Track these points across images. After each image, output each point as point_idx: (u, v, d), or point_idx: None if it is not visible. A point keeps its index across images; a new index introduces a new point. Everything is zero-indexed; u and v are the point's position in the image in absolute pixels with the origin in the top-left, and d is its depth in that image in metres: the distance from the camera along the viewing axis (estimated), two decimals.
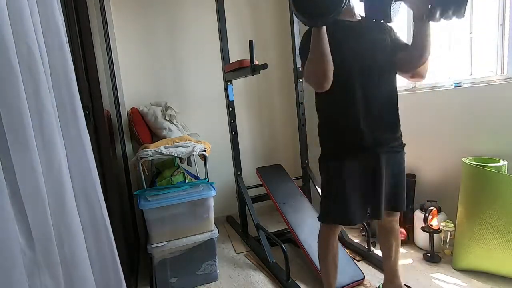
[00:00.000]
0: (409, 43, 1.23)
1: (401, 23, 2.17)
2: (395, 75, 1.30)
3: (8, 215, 0.67)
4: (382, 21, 1.25)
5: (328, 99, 1.26)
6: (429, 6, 1.11)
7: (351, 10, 1.28)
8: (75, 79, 0.93)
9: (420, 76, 1.27)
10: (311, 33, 1.09)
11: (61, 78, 0.89)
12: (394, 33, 1.31)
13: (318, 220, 1.37)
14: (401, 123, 1.32)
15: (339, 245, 1.85)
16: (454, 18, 1.09)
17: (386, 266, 1.49)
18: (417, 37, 1.17)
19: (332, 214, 1.32)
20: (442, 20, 1.10)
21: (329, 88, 1.14)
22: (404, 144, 1.34)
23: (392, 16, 1.21)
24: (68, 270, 0.84)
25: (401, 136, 1.33)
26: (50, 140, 0.80)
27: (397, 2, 1.20)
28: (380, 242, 1.50)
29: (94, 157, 1.28)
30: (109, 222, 1.02)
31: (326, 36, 1.07)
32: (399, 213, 1.42)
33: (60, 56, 0.89)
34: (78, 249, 0.87)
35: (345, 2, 0.96)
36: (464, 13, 1.06)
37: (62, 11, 1.16)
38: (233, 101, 2.18)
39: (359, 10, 1.31)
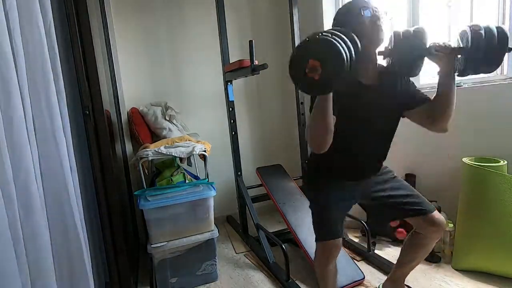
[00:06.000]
0: (430, 97, 1.21)
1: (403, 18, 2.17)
2: (397, 124, 1.30)
3: None
4: (406, 75, 1.21)
5: None
6: (460, 63, 1.08)
7: (366, 69, 1.18)
8: (52, 81, 0.92)
9: (443, 129, 1.20)
10: None
11: (38, 79, 0.88)
12: (413, 88, 1.26)
13: (316, 240, 1.31)
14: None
15: None
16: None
17: (397, 271, 1.42)
18: (443, 92, 1.13)
19: (322, 231, 1.29)
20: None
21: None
22: (386, 167, 1.38)
23: (418, 71, 1.16)
24: (32, 277, 0.82)
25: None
26: (18, 142, 0.79)
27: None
28: (404, 250, 1.37)
29: (94, 157, 1.28)
30: (80, 226, 1.01)
31: (330, 101, 0.98)
32: (435, 226, 1.23)
33: (39, 56, 0.88)
34: (43, 256, 0.85)
35: (346, 72, 0.87)
36: (495, 69, 1.05)
37: (60, 12, 1.17)
38: (233, 101, 2.18)
39: (380, 61, 1.21)
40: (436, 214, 1.25)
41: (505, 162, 1.63)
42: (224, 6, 2.11)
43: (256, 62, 1.79)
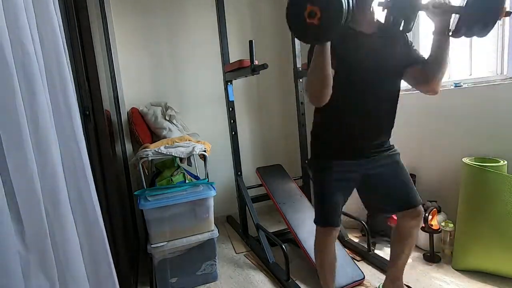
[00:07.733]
0: (425, 56, 1.21)
1: None
2: (399, 87, 1.29)
3: (2, 216, 0.66)
4: (401, 29, 1.20)
5: (329, 105, 1.27)
6: (455, 22, 1.08)
7: (366, 20, 1.20)
8: (70, 79, 0.92)
9: (434, 91, 1.22)
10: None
11: (55, 77, 0.88)
12: (410, 45, 1.26)
13: (314, 222, 1.36)
14: (396, 124, 1.32)
15: (339, 245, 1.85)
16: (475, 36, 1.07)
17: (391, 268, 1.45)
18: (437, 51, 1.15)
19: (321, 215, 1.33)
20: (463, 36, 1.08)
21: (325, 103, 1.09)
22: (393, 145, 1.35)
23: (413, 25, 1.15)
24: (62, 271, 0.83)
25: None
26: (44, 139, 0.79)
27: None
28: (392, 244, 1.43)
29: (94, 157, 1.28)
30: (102, 221, 1.01)
31: (329, 52, 0.99)
32: (418, 217, 1.33)
33: (55, 55, 0.88)
34: (72, 250, 0.86)
35: (345, 18, 0.88)
36: (487, 33, 1.04)
37: (62, 12, 1.16)
38: (233, 101, 2.18)
39: (378, 16, 1.23)
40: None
41: (505, 162, 1.63)
42: (224, 6, 2.11)
43: (256, 62, 1.79)
